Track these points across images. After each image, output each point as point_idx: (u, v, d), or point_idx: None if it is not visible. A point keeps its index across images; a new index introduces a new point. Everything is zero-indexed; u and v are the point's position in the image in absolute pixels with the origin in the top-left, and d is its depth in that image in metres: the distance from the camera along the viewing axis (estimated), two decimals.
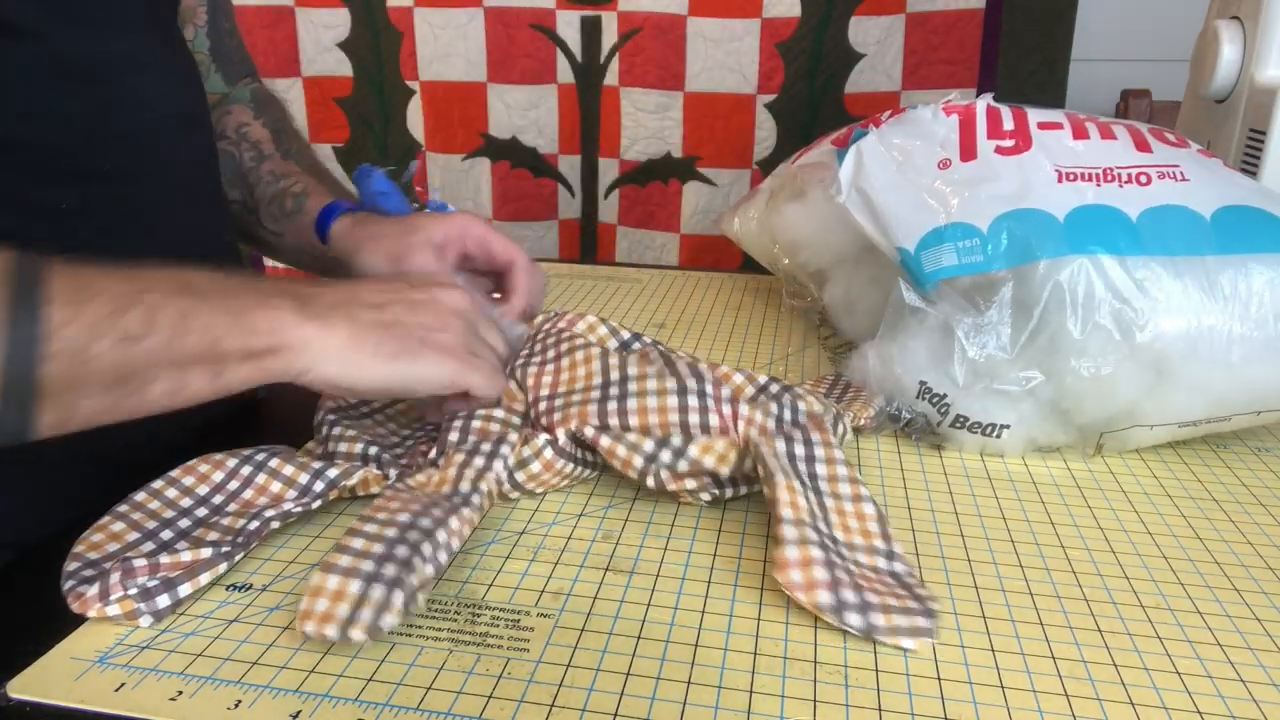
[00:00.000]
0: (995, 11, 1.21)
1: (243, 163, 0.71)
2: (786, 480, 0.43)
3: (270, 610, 0.39)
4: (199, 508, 0.45)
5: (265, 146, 0.71)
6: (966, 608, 0.40)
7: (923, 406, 0.54)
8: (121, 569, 0.39)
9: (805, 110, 1.30)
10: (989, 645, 0.38)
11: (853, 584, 0.39)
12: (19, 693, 0.34)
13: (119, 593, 0.38)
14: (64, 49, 0.50)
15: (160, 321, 0.39)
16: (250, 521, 0.43)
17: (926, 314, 0.55)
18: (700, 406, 0.48)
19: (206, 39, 0.71)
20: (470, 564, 0.43)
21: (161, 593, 0.38)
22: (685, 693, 0.35)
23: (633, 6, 1.29)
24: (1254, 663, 0.37)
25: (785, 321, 0.78)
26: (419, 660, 0.36)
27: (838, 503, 0.44)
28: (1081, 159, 0.56)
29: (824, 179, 0.64)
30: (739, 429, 0.48)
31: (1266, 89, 0.71)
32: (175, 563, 0.40)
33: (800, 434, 0.48)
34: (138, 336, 0.38)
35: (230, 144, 0.71)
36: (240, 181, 0.70)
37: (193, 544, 0.41)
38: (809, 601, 0.38)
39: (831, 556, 0.40)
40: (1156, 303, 0.51)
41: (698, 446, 0.46)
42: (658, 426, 0.48)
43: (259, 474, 0.46)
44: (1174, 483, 0.52)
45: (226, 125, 0.72)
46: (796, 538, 0.40)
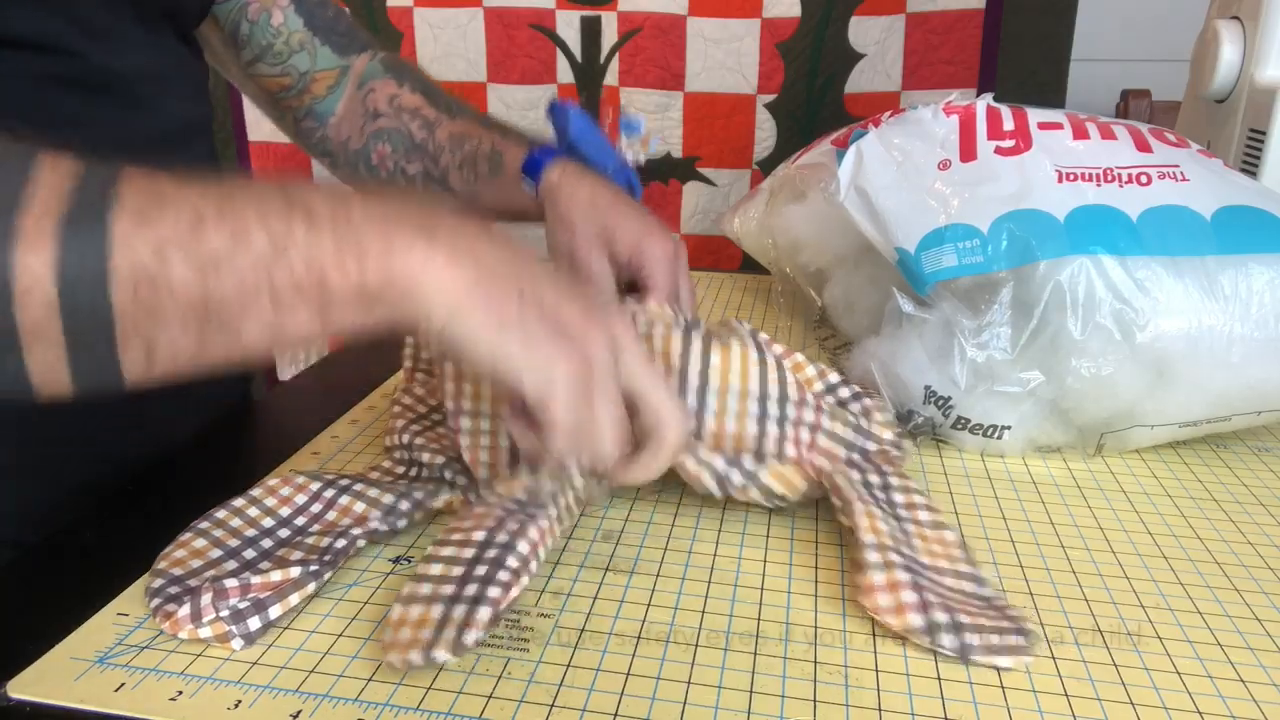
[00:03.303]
0: (995, 11, 1.21)
1: (413, 135, 0.68)
2: (865, 507, 0.42)
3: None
4: (281, 528, 0.44)
5: (426, 112, 0.69)
6: None
7: (929, 410, 0.54)
8: (213, 590, 0.38)
9: (805, 110, 1.30)
10: None
11: (943, 605, 0.38)
12: (19, 693, 0.34)
13: (211, 615, 0.37)
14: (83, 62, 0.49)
15: (252, 239, 0.33)
16: (336, 540, 0.42)
17: (926, 318, 0.55)
18: (779, 434, 0.46)
19: (298, 16, 0.68)
20: None
21: (253, 614, 0.37)
22: (685, 693, 0.35)
23: (633, 6, 1.29)
24: (1254, 663, 0.37)
25: (785, 322, 0.78)
26: None
27: (919, 529, 0.43)
28: (1082, 159, 0.56)
29: (824, 179, 0.64)
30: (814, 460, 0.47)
31: (1266, 89, 0.71)
32: (265, 583, 0.39)
33: (873, 466, 0.47)
34: (221, 258, 0.32)
35: (389, 119, 0.69)
36: (419, 154, 0.68)
37: (278, 564, 0.40)
38: (900, 625, 0.37)
39: (919, 580, 0.39)
40: (1157, 303, 0.51)
41: (769, 473, 0.45)
42: (732, 438, 0.46)
43: (342, 496, 0.45)
44: (1174, 483, 0.52)
45: (377, 102, 0.70)
46: (881, 562, 0.40)
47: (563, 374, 0.37)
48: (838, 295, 0.70)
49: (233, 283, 0.32)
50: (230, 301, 0.33)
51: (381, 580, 0.42)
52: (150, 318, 0.32)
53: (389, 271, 0.34)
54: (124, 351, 0.32)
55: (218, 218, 0.32)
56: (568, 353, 0.37)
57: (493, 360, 0.37)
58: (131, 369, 0.33)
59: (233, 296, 0.33)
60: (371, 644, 0.37)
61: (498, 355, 0.36)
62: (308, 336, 0.35)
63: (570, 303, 0.39)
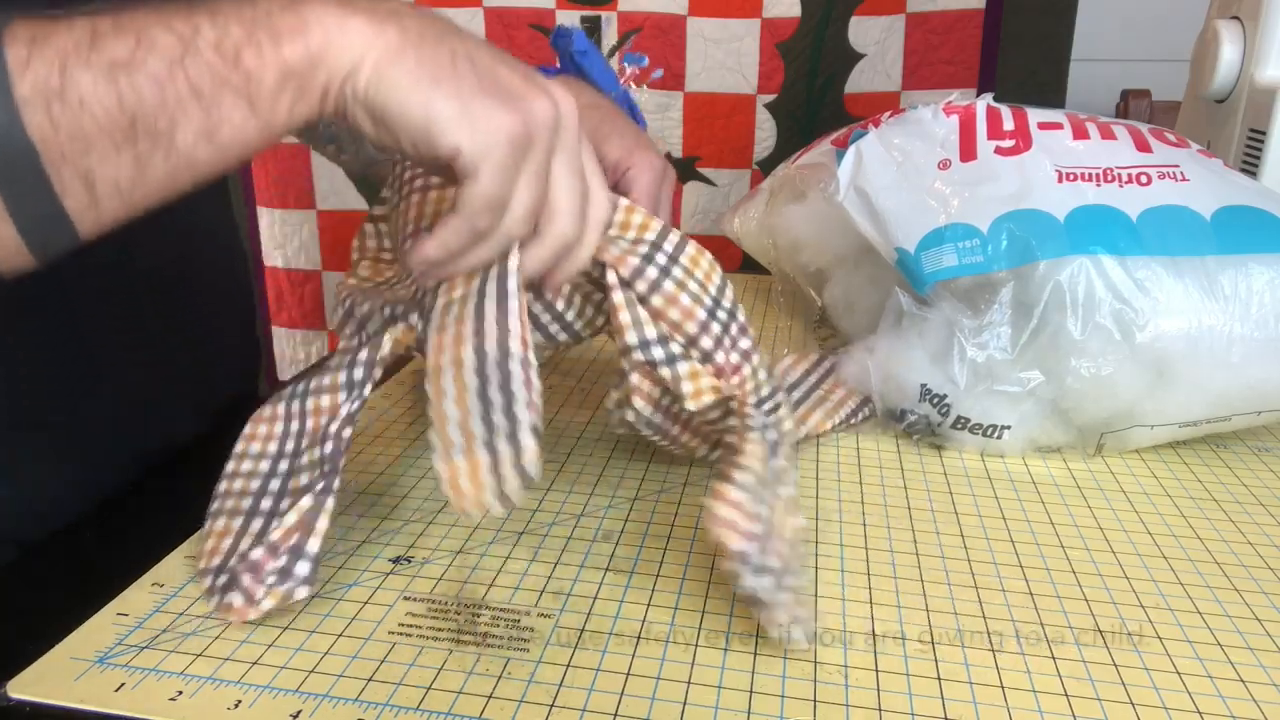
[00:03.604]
0: (995, 11, 1.21)
1: None
2: (760, 439, 0.42)
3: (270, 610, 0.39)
4: (280, 461, 0.43)
5: None
6: (967, 608, 0.40)
7: (924, 408, 0.54)
8: (247, 569, 0.38)
9: (805, 110, 1.30)
10: (989, 645, 0.38)
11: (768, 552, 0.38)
12: (19, 693, 0.34)
13: (260, 590, 0.37)
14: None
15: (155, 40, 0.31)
16: (325, 445, 0.41)
17: (927, 316, 0.55)
18: (719, 333, 0.46)
19: None
20: (470, 564, 0.43)
21: (296, 562, 0.37)
22: (685, 693, 0.35)
23: (633, 6, 1.29)
24: (1254, 663, 0.37)
25: (785, 322, 0.78)
26: (419, 660, 0.36)
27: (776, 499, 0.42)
28: (1082, 159, 0.56)
29: (823, 179, 0.64)
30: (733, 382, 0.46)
31: (1266, 89, 0.71)
32: (287, 531, 0.38)
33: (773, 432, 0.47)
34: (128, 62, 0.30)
35: None
36: None
37: (293, 498, 0.40)
38: (722, 539, 0.37)
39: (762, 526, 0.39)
40: (1157, 303, 0.51)
41: (688, 368, 0.45)
42: (680, 312, 0.45)
43: (308, 399, 0.44)
44: (1174, 483, 0.52)
45: None
46: (746, 483, 0.39)
47: (502, 131, 0.34)
48: (838, 295, 0.70)
49: (148, 86, 0.31)
50: (151, 107, 0.31)
51: (382, 580, 0.42)
52: (74, 142, 0.30)
53: (306, 44, 0.33)
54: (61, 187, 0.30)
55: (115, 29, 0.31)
56: (509, 109, 0.34)
57: (425, 120, 0.33)
58: (76, 207, 0.31)
59: (152, 101, 0.31)
60: (372, 643, 0.37)
61: (430, 114, 0.33)
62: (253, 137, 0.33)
63: (509, 67, 0.36)
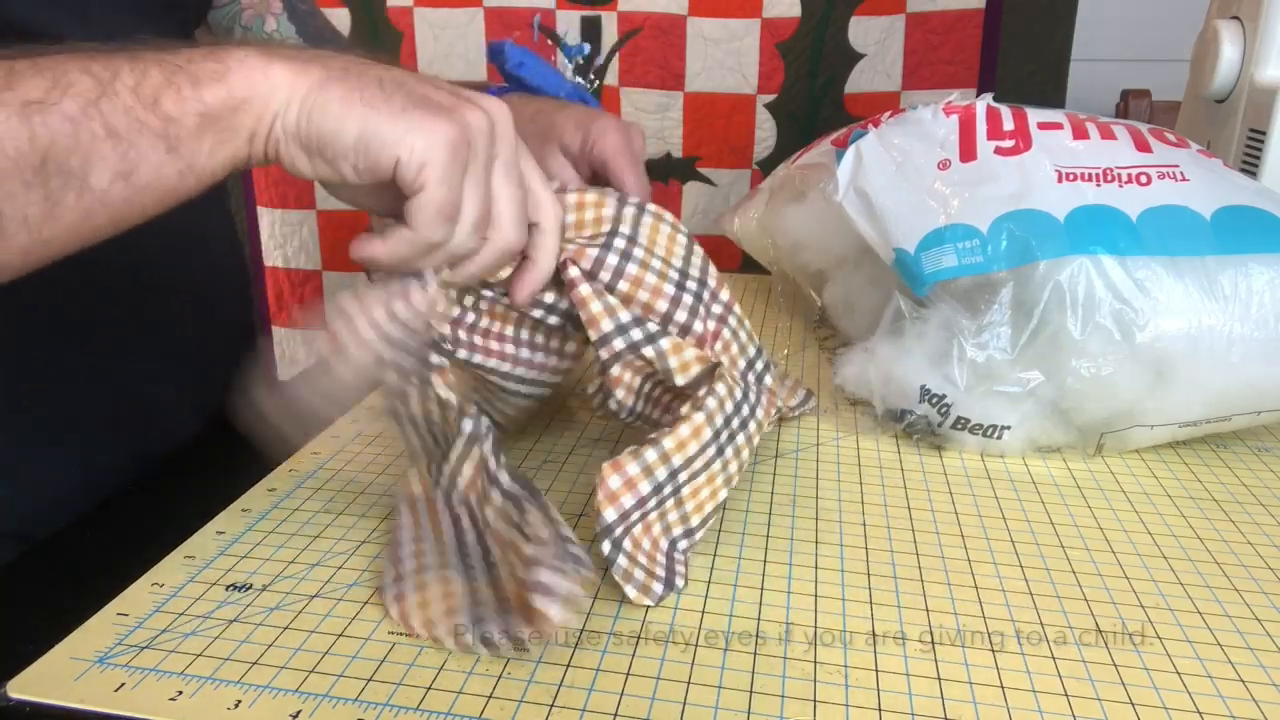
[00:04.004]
0: (995, 11, 1.21)
1: None
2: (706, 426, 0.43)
3: (270, 610, 0.39)
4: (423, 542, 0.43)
5: None
6: (966, 608, 0.40)
7: (924, 409, 0.54)
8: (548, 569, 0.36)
9: (805, 110, 1.30)
10: (989, 645, 0.38)
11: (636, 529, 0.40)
12: (19, 693, 0.34)
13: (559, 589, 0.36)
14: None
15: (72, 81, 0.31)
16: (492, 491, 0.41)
17: (926, 318, 0.55)
18: (693, 304, 0.46)
19: (290, 24, 0.68)
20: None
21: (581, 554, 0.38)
22: (685, 693, 0.35)
23: (633, 6, 1.29)
24: (1254, 663, 0.37)
25: (785, 322, 0.78)
26: (419, 660, 0.36)
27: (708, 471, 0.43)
28: (1081, 159, 0.56)
29: (823, 179, 0.64)
30: (715, 348, 0.47)
31: (1266, 89, 0.71)
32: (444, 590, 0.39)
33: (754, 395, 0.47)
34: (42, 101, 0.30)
35: None
36: None
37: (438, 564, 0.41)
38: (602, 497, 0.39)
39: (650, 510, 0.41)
40: (1157, 303, 0.51)
41: (669, 343, 0.45)
42: (649, 291, 0.45)
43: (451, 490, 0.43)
44: (1174, 483, 0.52)
45: None
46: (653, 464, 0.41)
47: (441, 136, 0.34)
48: (838, 295, 0.70)
49: (61, 125, 0.30)
50: (64, 146, 0.30)
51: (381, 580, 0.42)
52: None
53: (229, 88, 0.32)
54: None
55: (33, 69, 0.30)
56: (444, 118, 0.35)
57: (361, 138, 0.34)
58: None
59: (65, 140, 0.30)
60: (372, 644, 0.37)
61: (365, 131, 0.34)
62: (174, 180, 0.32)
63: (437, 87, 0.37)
